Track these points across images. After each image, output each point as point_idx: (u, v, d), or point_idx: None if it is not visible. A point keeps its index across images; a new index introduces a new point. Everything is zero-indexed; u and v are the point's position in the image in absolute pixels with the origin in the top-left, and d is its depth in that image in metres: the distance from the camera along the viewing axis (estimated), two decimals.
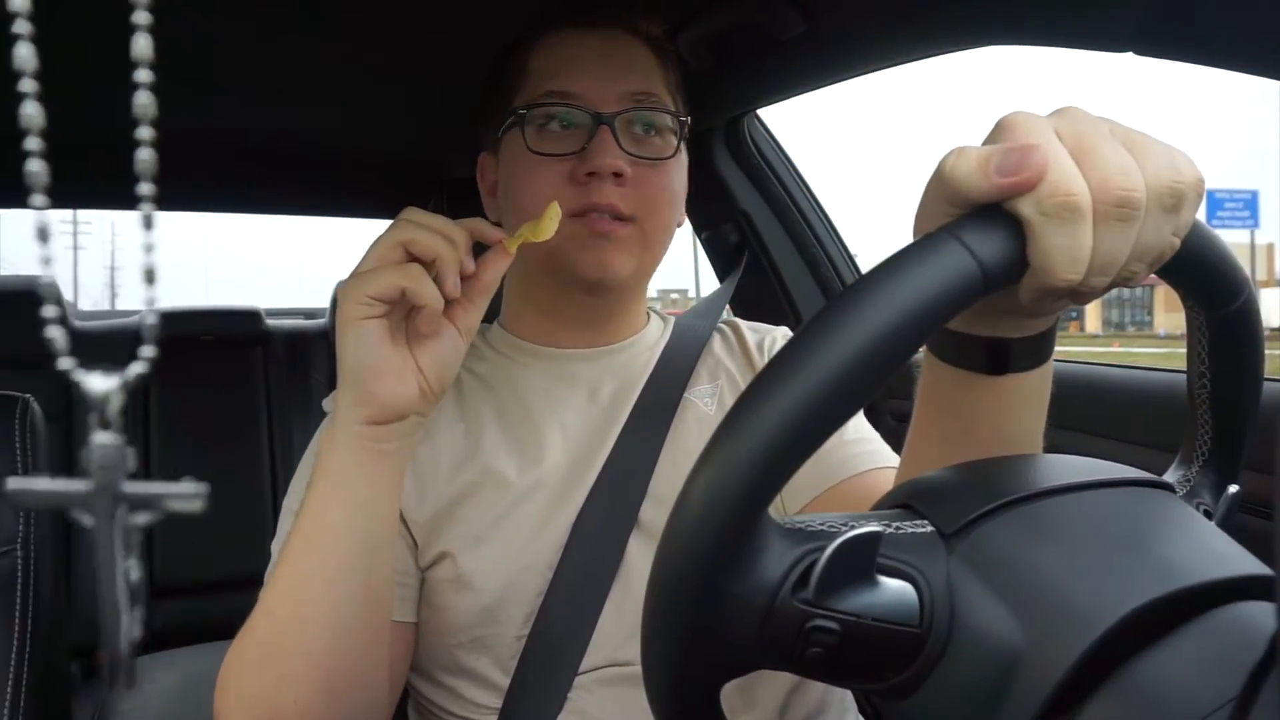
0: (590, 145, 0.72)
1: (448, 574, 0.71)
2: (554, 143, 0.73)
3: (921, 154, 43.51)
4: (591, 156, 0.71)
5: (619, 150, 0.72)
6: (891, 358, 0.33)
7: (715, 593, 0.34)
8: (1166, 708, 0.30)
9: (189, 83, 1.30)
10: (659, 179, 0.75)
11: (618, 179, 0.72)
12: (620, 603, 0.71)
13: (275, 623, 0.59)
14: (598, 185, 0.71)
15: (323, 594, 0.58)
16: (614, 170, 0.71)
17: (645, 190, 0.74)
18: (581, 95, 0.73)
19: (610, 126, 0.72)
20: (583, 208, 0.72)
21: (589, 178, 0.71)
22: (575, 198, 0.72)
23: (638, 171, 0.73)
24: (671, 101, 0.78)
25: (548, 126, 0.74)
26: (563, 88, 0.73)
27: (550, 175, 0.73)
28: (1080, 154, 0.36)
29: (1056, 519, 0.37)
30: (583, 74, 0.74)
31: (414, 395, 0.59)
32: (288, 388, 1.96)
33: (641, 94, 0.75)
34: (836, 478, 0.72)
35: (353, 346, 0.57)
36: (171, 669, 1.51)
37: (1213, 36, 0.67)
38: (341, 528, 0.59)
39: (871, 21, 1.00)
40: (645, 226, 0.74)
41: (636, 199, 0.73)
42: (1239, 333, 0.45)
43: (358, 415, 0.58)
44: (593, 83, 0.73)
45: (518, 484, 0.73)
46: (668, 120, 0.76)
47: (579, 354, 0.81)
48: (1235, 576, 0.34)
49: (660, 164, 0.75)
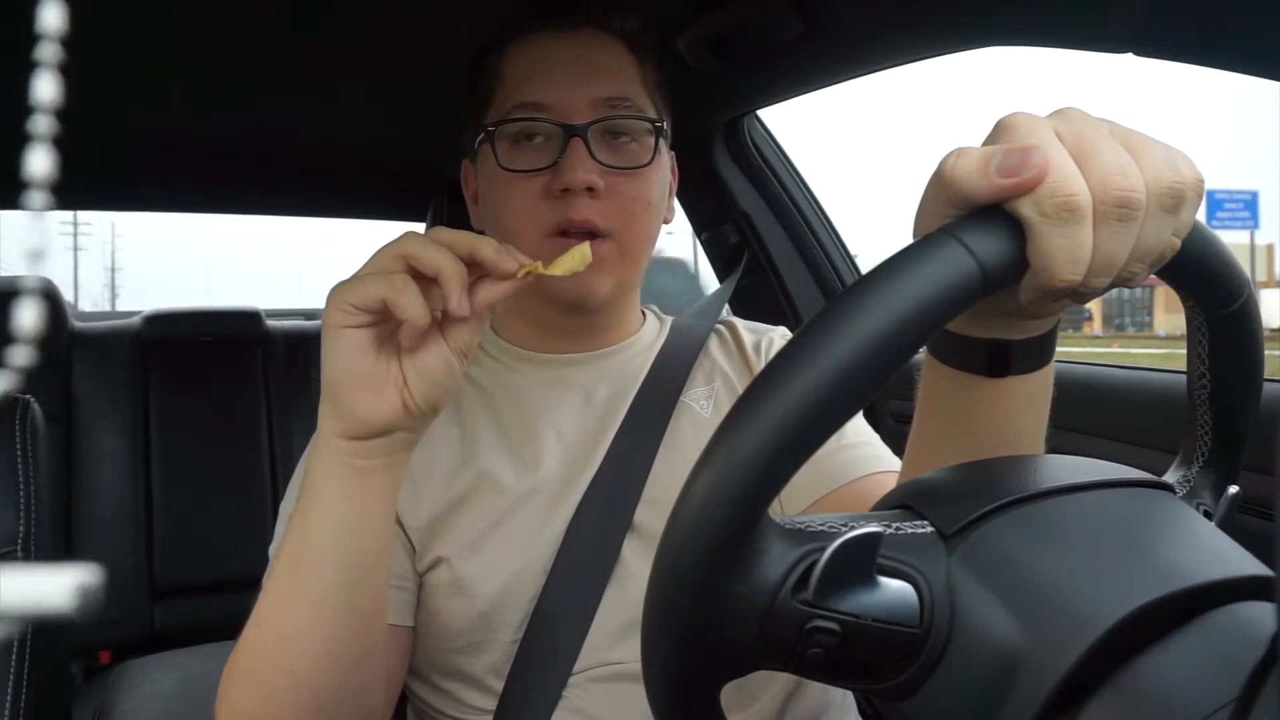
0: (562, 160, 0.70)
1: (444, 579, 0.71)
2: (526, 157, 0.72)
3: (921, 154, 43.54)
4: (563, 172, 0.70)
5: (591, 163, 0.70)
6: (892, 358, 0.33)
7: (715, 593, 0.34)
8: (1166, 708, 0.30)
9: (190, 83, 1.30)
10: (635, 188, 0.73)
11: (591, 193, 0.70)
12: (615, 605, 0.70)
13: (263, 638, 0.58)
14: (572, 200, 0.70)
15: (308, 614, 0.56)
16: (587, 184, 0.70)
17: (622, 201, 0.72)
18: (552, 105, 0.72)
19: (582, 138, 0.70)
20: (558, 226, 0.71)
21: (563, 193, 0.70)
22: (550, 214, 0.71)
23: (613, 181, 0.72)
24: (650, 103, 0.76)
25: (519, 142, 0.73)
26: (533, 98, 0.72)
27: (523, 192, 0.71)
28: (1080, 154, 0.36)
29: (1056, 519, 0.37)
30: (552, 82, 0.72)
31: (395, 411, 0.54)
32: (288, 388, 1.96)
33: (615, 99, 0.73)
34: (836, 482, 0.72)
35: (330, 354, 0.53)
36: (171, 669, 1.51)
37: (1212, 37, 0.67)
38: (322, 547, 0.56)
39: (871, 22, 1.00)
40: (622, 240, 0.73)
41: (613, 211, 0.72)
42: (1239, 333, 0.45)
43: (335, 429, 0.55)
44: (563, 90, 0.72)
45: (514, 490, 0.73)
46: (644, 125, 0.74)
47: (573, 358, 0.81)
48: (1235, 577, 0.34)
49: (636, 173, 0.73)
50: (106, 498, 1.77)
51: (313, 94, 1.40)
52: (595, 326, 0.81)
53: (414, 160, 1.76)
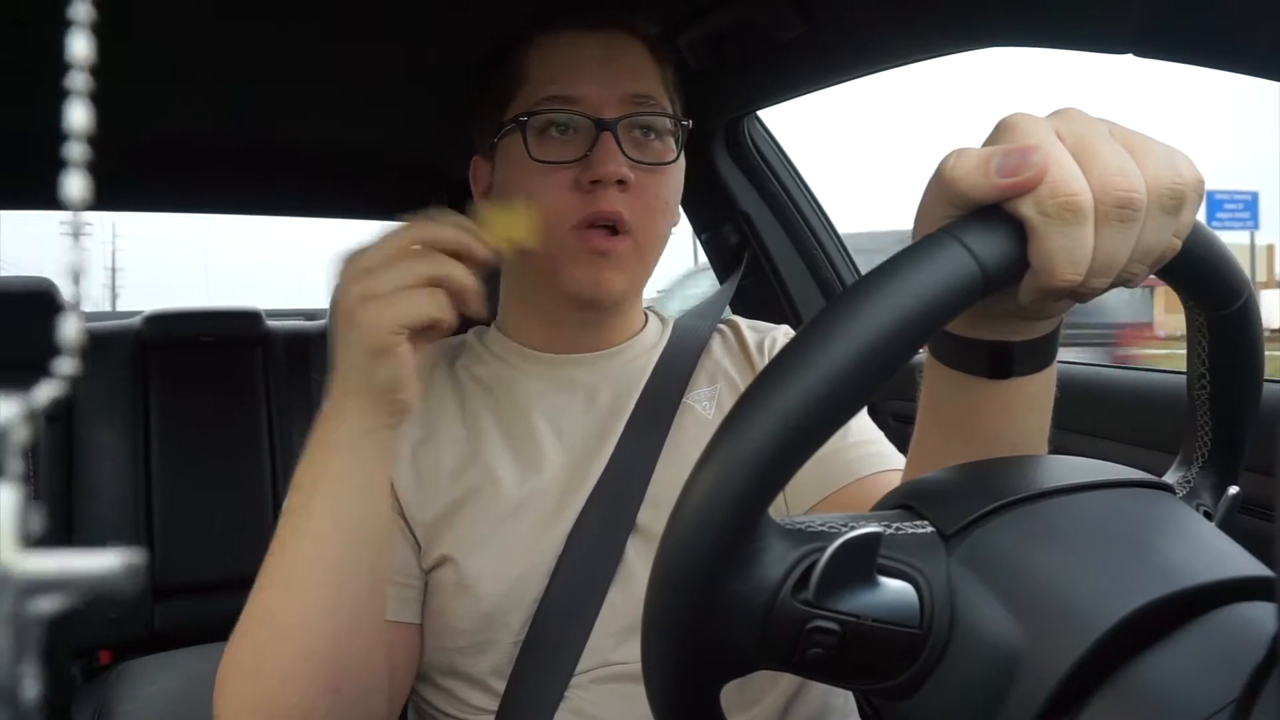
0: (593, 152, 0.71)
1: (448, 578, 0.71)
2: (556, 149, 0.73)
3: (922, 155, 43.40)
4: (595, 164, 0.71)
5: (622, 157, 0.71)
6: (892, 358, 0.33)
7: (716, 593, 0.34)
8: (1167, 709, 0.30)
9: (190, 84, 1.30)
10: (658, 186, 0.75)
11: (621, 186, 0.71)
12: (617, 606, 0.71)
13: (277, 629, 0.58)
14: (602, 193, 0.71)
15: (331, 596, 0.58)
16: (618, 178, 0.70)
17: (645, 198, 0.73)
18: (582, 100, 0.73)
19: (613, 132, 0.71)
20: (587, 218, 0.71)
21: (593, 185, 0.71)
22: (580, 206, 0.71)
23: (640, 177, 0.73)
24: (670, 103, 0.78)
25: (548, 133, 0.73)
26: (563, 92, 0.73)
27: (553, 183, 0.72)
28: (1080, 155, 0.36)
29: (1057, 520, 0.37)
30: (582, 78, 0.73)
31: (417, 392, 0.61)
32: (288, 388, 1.95)
33: (641, 97, 0.74)
34: (842, 481, 0.72)
35: (388, 369, 0.58)
36: (171, 669, 1.51)
37: (1212, 38, 0.67)
38: (348, 525, 0.59)
39: (871, 23, 1.00)
40: (640, 238, 0.74)
41: (637, 207, 0.72)
42: (1239, 334, 0.45)
43: (381, 421, 0.60)
44: (593, 86, 0.73)
45: (518, 491, 0.73)
46: (668, 124, 0.76)
47: (576, 359, 0.81)
48: (1235, 577, 0.34)
49: (661, 170, 0.75)
50: (106, 498, 1.77)
51: (312, 94, 1.40)
52: (602, 325, 0.81)
53: (414, 159, 1.76)
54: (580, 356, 0.81)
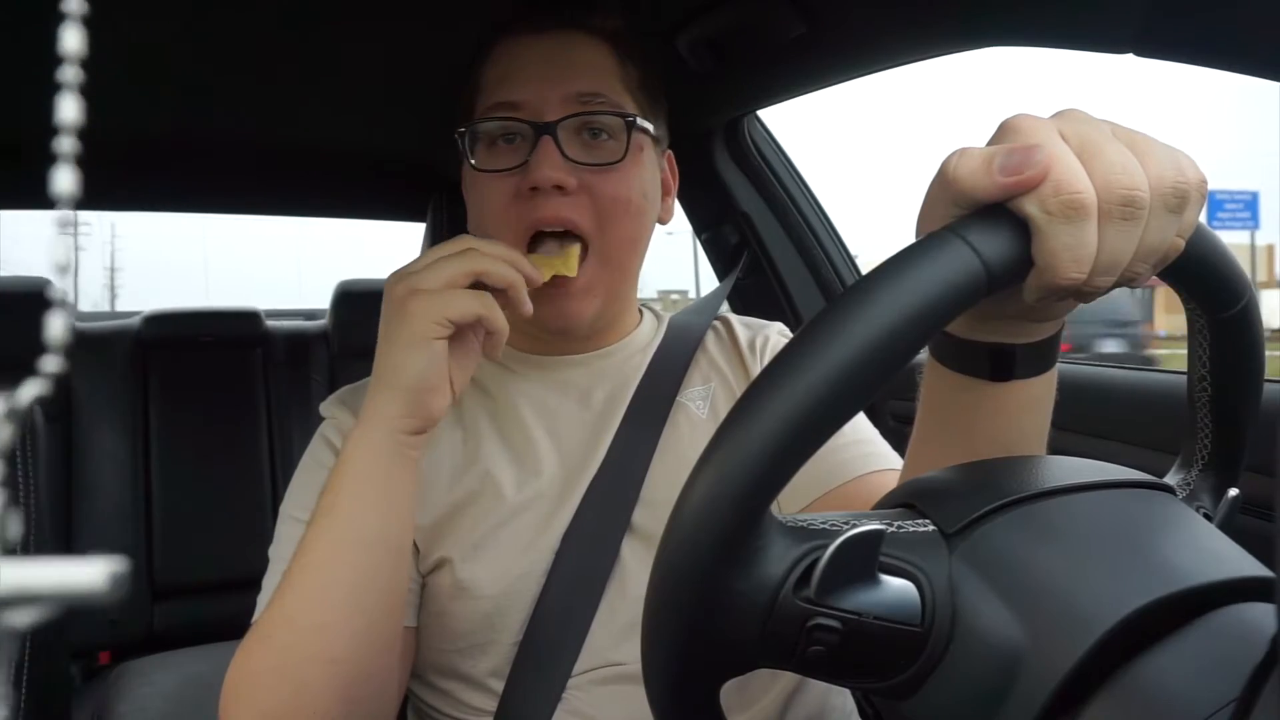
0: (531, 158, 0.69)
1: (446, 581, 0.71)
2: (499, 158, 0.71)
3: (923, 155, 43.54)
4: (531, 170, 0.68)
5: (560, 161, 0.68)
6: (895, 356, 0.33)
7: (717, 590, 0.34)
8: (1167, 709, 0.30)
9: (189, 84, 1.30)
10: (613, 187, 0.71)
11: (561, 191, 0.69)
12: (614, 606, 0.71)
13: (297, 633, 0.58)
14: (543, 200, 0.69)
15: (352, 600, 0.59)
16: (555, 183, 0.68)
17: (598, 200, 0.70)
18: (524, 104, 0.70)
19: (552, 135, 0.69)
20: (531, 226, 0.70)
21: (532, 192, 0.69)
22: (522, 215, 0.69)
23: (588, 179, 0.70)
24: (630, 101, 0.74)
25: (496, 143, 0.72)
26: (507, 98, 0.71)
27: (497, 193, 0.71)
28: (1084, 154, 0.36)
29: (1058, 519, 0.37)
30: (526, 81, 0.71)
31: (448, 404, 0.62)
32: (287, 389, 1.95)
33: (588, 95, 0.71)
34: (836, 480, 0.72)
35: (422, 363, 0.59)
36: (171, 670, 1.50)
37: (1213, 38, 0.67)
38: (377, 533, 0.60)
39: (872, 23, 1.00)
40: (602, 247, 0.71)
41: (588, 210, 0.70)
42: (1240, 336, 0.45)
43: (404, 425, 0.60)
44: (536, 89, 0.70)
45: (515, 494, 0.73)
46: (618, 122, 0.72)
47: (570, 360, 0.80)
48: (1235, 578, 0.34)
49: (615, 169, 0.71)
50: (106, 498, 1.77)
51: (312, 94, 1.40)
52: (589, 333, 0.80)
53: (414, 160, 1.76)
54: (574, 358, 0.80)
